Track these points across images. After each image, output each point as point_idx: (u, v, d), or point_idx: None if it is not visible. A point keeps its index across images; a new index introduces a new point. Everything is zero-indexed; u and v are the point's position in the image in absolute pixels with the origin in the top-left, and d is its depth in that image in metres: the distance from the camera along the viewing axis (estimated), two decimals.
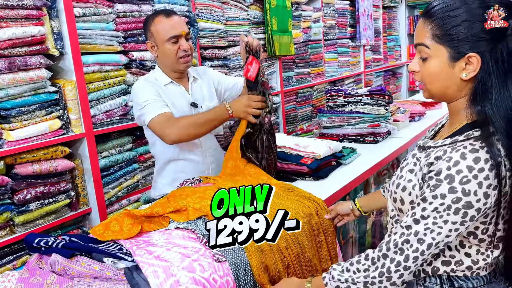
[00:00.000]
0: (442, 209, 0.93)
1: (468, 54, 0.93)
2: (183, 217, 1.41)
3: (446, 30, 0.94)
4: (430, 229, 0.94)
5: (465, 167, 0.90)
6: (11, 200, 1.94)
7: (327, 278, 1.10)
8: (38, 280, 1.15)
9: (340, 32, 4.70)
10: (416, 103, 3.29)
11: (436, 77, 0.98)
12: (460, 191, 0.91)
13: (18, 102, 1.93)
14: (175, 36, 1.83)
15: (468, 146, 0.93)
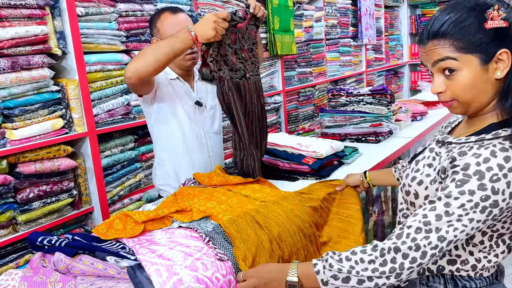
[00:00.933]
0: (469, 206, 0.89)
1: (499, 52, 0.92)
2: (186, 217, 1.41)
3: (469, 40, 0.92)
4: (454, 227, 0.90)
5: (495, 165, 0.89)
6: (14, 199, 1.95)
7: (319, 266, 0.98)
8: (42, 278, 1.16)
9: (342, 32, 4.70)
10: (418, 103, 3.28)
11: (472, 87, 0.95)
12: (490, 189, 0.88)
13: (21, 101, 1.94)
14: None
15: (498, 145, 0.91)
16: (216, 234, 1.30)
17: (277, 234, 1.33)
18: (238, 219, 1.37)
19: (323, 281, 0.96)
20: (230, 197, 1.55)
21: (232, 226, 1.32)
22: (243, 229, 1.31)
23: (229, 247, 1.25)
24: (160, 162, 2.00)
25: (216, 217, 1.39)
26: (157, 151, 2.01)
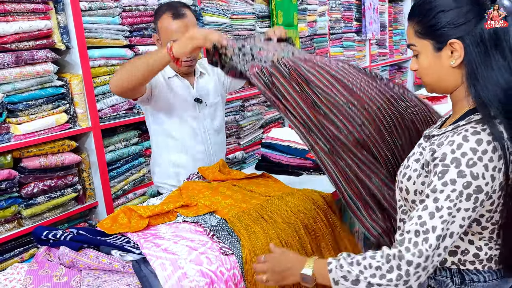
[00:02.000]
0: (454, 196, 0.89)
1: (450, 41, 0.96)
2: (192, 212, 1.41)
3: (425, 24, 0.99)
4: (446, 221, 0.89)
5: (469, 150, 0.90)
6: (18, 193, 1.95)
7: (333, 265, 0.98)
8: (47, 272, 1.17)
9: (346, 26, 4.67)
10: (422, 98, 3.27)
11: (428, 70, 1.02)
12: (469, 174, 0.89)
13: (25, 96, 1.94)
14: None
15: (470, 129, 0.93)
16: (220, 229, 1.31)
17: (282, 229, 1.33)
18: (244, 214, 1.37)
19: (334, 280, 0.97)
20: (234, 192, 1.55)
21: (238, 221, 1.33)
22: (249, 225, 1.31)
23: (233, 242, 1.25)
24: (157, 159, 1.99)
25: (221, 212, 1.40)
26: (154, 148, 2.00)
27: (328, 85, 1.29)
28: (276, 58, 1.33)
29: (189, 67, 1.86)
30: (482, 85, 0.94)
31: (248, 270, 1.19)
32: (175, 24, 1.74)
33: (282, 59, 1.32)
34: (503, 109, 0.91)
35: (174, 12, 1.75)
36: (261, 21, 3.43)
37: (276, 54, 1.35)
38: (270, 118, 3.62)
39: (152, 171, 2.06)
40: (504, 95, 0.92)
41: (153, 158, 2.03)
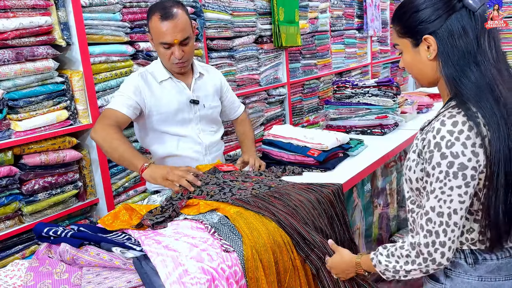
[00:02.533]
0: (442, 177, 0.99)
1: (424, 37, 1.07)
2: (193, 211, 1.41)
3: (403, 25, 1.11)
4: (442, 199, 1.00)
5: (446, 132, 0.99)
6: (19, 190, 1.95)
7: (375, 260, 1.14)
8: (48, 269, 1.16)
9: (347, 23, 4.66)
10: (423, 95, 3.26)
11: (411, 65, 1.14)
12: (449, 155, 0.98)
13: (25, 92, 1.94)
14: (166, 43, 1.73)
15: (447, 114, 1.02)
16: (221, 226, 1.30)
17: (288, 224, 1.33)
18: (246, 212, 1.37)
19: (381, 272, 1.13)
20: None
21: (240, 218, 1.32)
22: (251, 221, 1.31)
23: (235, 238, 1.24)
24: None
25: (223, 210, 1.39)
26: (153, 156, 1.96)
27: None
28: (254, 193, 1.52)
29: (181, 68, 1.83)
30: (453, 72, 1.04)
31: (250, 268, 1.19)
32: (164, 26, 1.70)
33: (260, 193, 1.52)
34: (472, 92, 1.01)
35: (163, 13, 1.70)
36: (262, 17, 3.42)
37: (253, 192, 1.53)
38: (271, 115, 3.61)
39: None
40: (469, 81, 1.02)
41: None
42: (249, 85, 3.33)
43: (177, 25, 1.71)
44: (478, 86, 1.01)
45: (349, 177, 1.80)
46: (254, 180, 1.66)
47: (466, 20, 1.02)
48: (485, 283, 1.08)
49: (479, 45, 1.02)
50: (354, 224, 2.11)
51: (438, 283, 1.15)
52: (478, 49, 1.02)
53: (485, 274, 1.08)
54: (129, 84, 1.81)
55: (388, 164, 2.45)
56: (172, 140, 1.87)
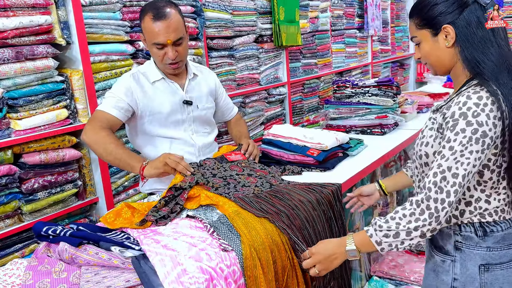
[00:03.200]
0: (465, 141, 1.09)
1: (443, 26, 1.19)
2: (195, 204, 1.41)
3: (422, 17, 1.23)
4: (460, 162, 1.09)
5: (472, 104, 1.11)
6: (19, 189, 1.96)
7: (371, 230, 1.16)
8: (47, 268, 1.16)
9: (348, 23, 4.65)
10: (424, 95, 3.26)
11: (429, 53, 1.24)
12: (475, 123, 1.09)
13: (25, 91, 1.94)
14: (159, 43, 1.71)
15: (470, 90, 1.14)
16: (221, 224, 1.30)
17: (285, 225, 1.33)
18: (243, 211, 1.37)
19: (377, 242, 1.15)
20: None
21: (238, 217, 1.32)
22: (248, 221, 1.31)
23: (233, 238, 1.24)
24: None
25: (222, 208, 1.39)
26: (142, 154, 1.93)
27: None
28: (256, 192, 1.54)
29: (175, 70, 1.81)
30: (474, 57, 1.16)
31: (248, 266, 1.19)
32: (157, 27, 1.69)
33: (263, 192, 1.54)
34: (492, 72, 1.13)
35: (155, 13, 1.69)
36: (262, 17, 3.42)
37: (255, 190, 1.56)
38: (271, 115, 3.61)
39: (140, 179, 1.97)
40: (490, 61, 1.14)
41: None
42: (249, 84, 3.33)
43: (170, 25, 1.69)
44: (497, 65, 1.14)
45: (349, 176, 1.80)
46: (259, 174, 1.67)
47: (479, 12, 1.16)
48: (492, 253, 1.19)
49: (494, 32, 1.16)
50: (354, 224, 2.11)
51: (448, 255, 1.23)
52: (493, 35, 1.16)
53: (492, 245, 1.18)
54: (120, 85, 1.78)
55: (388, 164, 2.45)
56: (164, 142, 1.85)
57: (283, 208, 1.40)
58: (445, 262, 1.24)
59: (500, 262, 1.18)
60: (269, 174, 1.73)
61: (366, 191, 1.64)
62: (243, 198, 1.45)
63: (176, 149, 1.85)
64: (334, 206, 1.55)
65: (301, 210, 1.40)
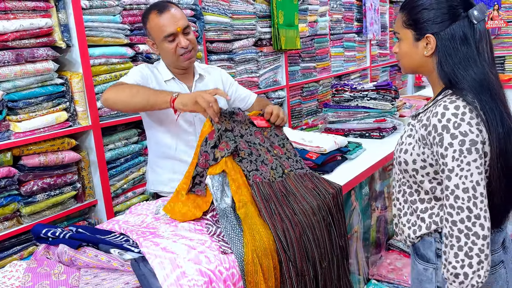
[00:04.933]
0: (457, 155, 1.07)
1: (426, 35, 1.17)
2: (218, 169, 1.42)
3: (411, 17, 1.20)
4: (463, 176, 1.07)
5: (451, 115, 1.09)
6: (18, 191, 1.96)
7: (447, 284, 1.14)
8: (46, 270, 1.17)
9: (347, 27, 4.67)
10: (422, 99, 3.27)
11: (406, 55, 1.24)
12: (459, 134, 1.07)
13: (25, 93, 1.94)
14: (170, 34, 1.73)
15: (447, 100, 1.12)
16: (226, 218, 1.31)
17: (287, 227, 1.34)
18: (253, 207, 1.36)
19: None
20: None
21: (246, 218, 1.31)
22: (254, 222, 1.29)
23: (235, 239, 1.24)
24: (152, 166, 1.96)
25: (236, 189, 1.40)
26: (150, 155, 1.98)
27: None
28: (271, 177, 1.52)
29: (189, 60, 1.82)
30: (453, 70, 1.15)
31: (249, 271, 1.19)
32: (164, 19, 1.73)
33: (276, 180, 1.52)
34: (471, 89, 1.12)
35: (159, 9, 1.75)
36: (261, 20, 3.43)
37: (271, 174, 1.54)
38: None
39: (146, 177, 2.03)
40: (471, 79, 1.12)
41: (148, 164, 2.01)
42: (248, 87, 3.34)
43: (176, 14, 1.75)
44: (478, 83, 1.12)
45: (347, 180, 1.81)
46: (276, 153, 1.63)
47: (467, 28, 1.13)
48: None
49: (479, 51, 1.14)
50: (352, 227, 2.11)
51: (429, 263, 1.23)
52: (478, 54, 1.14)
53: None
54: (136, 71, 1.80)
55: (386, 167, 2.46)
56: (170, 141, 1.86)
57: (288, 211, 1.40)
58: (428, 270, 1.23)
59: None
60: (285, 154, 1.68)
61: None
62: (259, 186, 1.44)
63: (182, 150, 1.86)
64: (334, 213, 1.53)
65: (302, 216, 1.40)
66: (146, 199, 2.53)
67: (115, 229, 1.36)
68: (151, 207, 1.56)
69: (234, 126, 1.59)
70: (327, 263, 1.43)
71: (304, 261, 1.32)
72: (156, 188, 1.96)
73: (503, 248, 1.22)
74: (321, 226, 1.46)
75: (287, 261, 1.28)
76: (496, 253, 1.20)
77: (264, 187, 1.46)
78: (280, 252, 1.27)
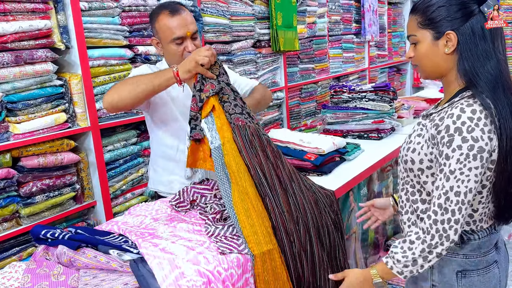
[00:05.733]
0: (463, 158, 1.08)
1: (446, 32, 1.15)
2: (207, 108, 1.48)
3: (427, 17, 1.18)
4: (461, 180, 1.08)
5: (466, 118, 1.08)
6: (17, 192, 1.96)
7: (390, 262, 1.18)
8: (45, 271, 1.17)
9: (345, 28, 4.68)
10: (420, 100, 3.28)
11: (426, 57, 1.20)
12: (470, 139, 1.08)
13: (24, 95, 1.95)
14: (179, 37, 1.71)
15: (464, 103, 1.11)
16: (218, 156, 1.40)
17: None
18: (233, 145, 1.40)
19: (399, 272, 1.18)
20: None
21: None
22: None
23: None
24: (154, 165, 1.98)
25: (221, 130, 1.45)
26: (152, 154, 1.99)
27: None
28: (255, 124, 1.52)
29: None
30: (472, 67, 1.13)
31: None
32: (175, 21, 1.70)
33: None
34: (488, 85, 1.11)
35: (171, 9, 1.73)
36: (260, 22, 3.44)
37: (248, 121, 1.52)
38: (269, 119, 3.63)
39: (149, 175, 2.05)
40: (488, 74, 1.12)
41: (150, 162, 2.03)
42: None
43: (187, 18, 1.73)
44: (494, 79, 1.12)
45: (346, 181, 1.82)
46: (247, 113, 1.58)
47: (483, 23, 1.13)
48: (469, 260, 1.20)
49: (495, 45, 1.14)
50: (351, 228, 2.12)
51: None
52: (494, 48, 1.14)
53: (469, 252, 1.20)
54: (137, 70, 1.79)
55: (385, 168, 2.47)
56: (172, 142, 1.87)
57: (270, 153, 1.45)
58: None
59: (476, 269, 1.20)
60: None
61: (380, 203, 1.56)
62: (239, 128, 1.47)
63: (181, 153, 1.86)
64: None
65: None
66: (145, 200, 2.54)
67: (114, 230, 1.37)
68: (150, 208, 1.57)
69: (222, 73, 1.58)
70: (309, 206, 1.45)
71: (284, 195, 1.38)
72: (155, 187, 1.97)
73: (496, 248, 1.25)
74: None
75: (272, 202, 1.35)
76: (490, 253, 1.22)
77: (245, 129, 1.47)
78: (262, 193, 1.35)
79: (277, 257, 1.26)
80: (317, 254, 1.38)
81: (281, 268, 1.27)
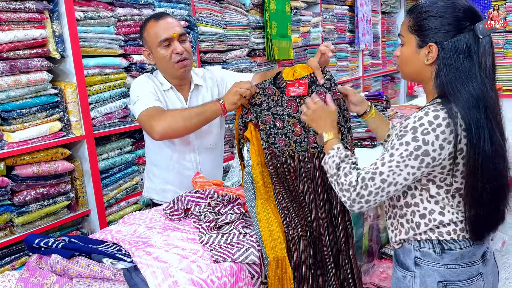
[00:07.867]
0: (405, 154, 1.11)
1: (429, 43, 1.16)
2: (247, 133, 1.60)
3: (417, 23, 1.19)
4: (393, 171, 1.13)
5: (426, 122, 1.11)
6: (11, 201, 1.96)
7: (333, 152, 1.28)
8: (38, 280, 1.17)
9: (339, 37, 4.73)
10: (414, 108, 3.31)
11: (406, 61, 1.24)
12: (421, 140, 1.10)
13: (19, 104, 1.95)
14: (166, 39, 1.74)
15: (431, 108, 1.14)
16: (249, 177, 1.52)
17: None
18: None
19: (325, 161, 1.29)
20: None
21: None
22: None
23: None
24: (149, 174, 1.99)
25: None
26: (147, 163, 2.01)
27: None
28: (290, 151, 1.59)
29: (184, 68, 1.80)
30: (448, 82, 1.13)
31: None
32: (161, 24, 1.76)
33: (294, 154, 1.58)
34: (467, 103, 1.10)
35: (155, 16, 1.80)
36: (255, 31, 3.47)
37: (291, 147, 1.59)
38: None
39: (144, 181, 2.06)
40: (469, 94, 1.11)
41: (145, 171, 2.04)
42: None
43: (172, 21, 1.79)
44: (475, 99, 1.10)
45: None
46: (303, 125, 1.57)
47: (471, 42, 1.12)
48: (450, 270, 1.19)
49: (481, 66, 1.12)
50: None
51: (408, 271, 1.24)
52: (479, 69, 1.12)
53: (450, 262, 1.19)
54: (142, 85, 1.80)
55: None
56: (166, 151, 1.87)
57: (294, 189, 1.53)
58: (406, 277, 1.24)
59: (458, 280, 1.19)
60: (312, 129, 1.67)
61: (354, 100, 1.56)
62: (272, 156, 1.56)
63: (179, 162, 1.88)
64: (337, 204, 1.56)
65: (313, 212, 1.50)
66: (140, 209, 2.53)
67: (107, 239, 1.37)
68: (143, 216, 1.57)
69: (264, 100, 1.60)
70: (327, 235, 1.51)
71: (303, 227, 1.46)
72: (149, 195, 1.99)
73: (483, 260, 1.23)
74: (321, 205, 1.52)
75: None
76: (475, 265, 1.20)
77: (276, 158, 1.57)
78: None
79: (288, 265, 1.35)
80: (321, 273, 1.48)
81: (290, 277, 1.36)
